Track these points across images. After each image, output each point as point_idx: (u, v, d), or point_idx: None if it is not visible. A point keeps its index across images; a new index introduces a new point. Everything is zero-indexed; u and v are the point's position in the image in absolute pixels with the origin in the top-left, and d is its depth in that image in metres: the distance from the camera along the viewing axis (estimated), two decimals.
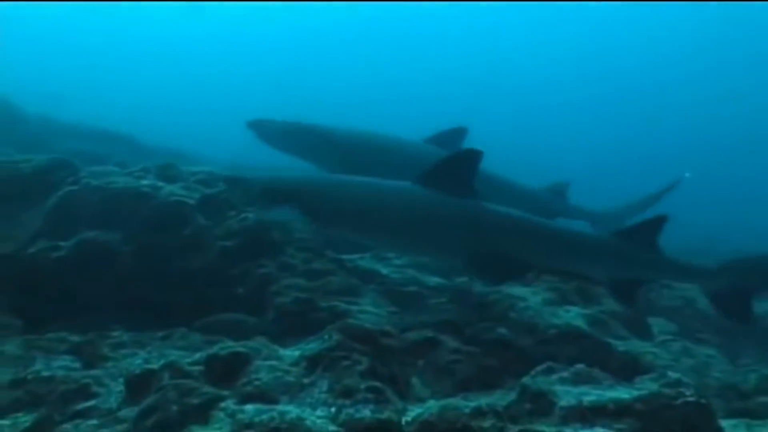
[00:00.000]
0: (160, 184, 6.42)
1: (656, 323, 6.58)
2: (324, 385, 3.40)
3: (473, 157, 4.98)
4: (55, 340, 4.79)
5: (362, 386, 3.32)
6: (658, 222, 5.43)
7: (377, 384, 3.33)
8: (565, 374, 3.49)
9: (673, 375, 3.28)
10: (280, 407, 3.21)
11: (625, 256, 5.36)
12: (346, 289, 6.30)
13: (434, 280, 7.68)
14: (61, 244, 5.96)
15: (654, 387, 3.21)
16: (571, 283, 7.01)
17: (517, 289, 6.59)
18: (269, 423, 3.04)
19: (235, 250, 6.23)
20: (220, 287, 6.06)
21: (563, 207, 8.45)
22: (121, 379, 3.94)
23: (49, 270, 5.86)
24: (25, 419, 3.79)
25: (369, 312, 5.96)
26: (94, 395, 3.81)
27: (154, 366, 3.74)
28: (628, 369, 4.56)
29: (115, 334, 5.18)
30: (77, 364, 4.43)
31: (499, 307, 6.30)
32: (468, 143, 7.57)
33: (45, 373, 4.10)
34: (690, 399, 3.00)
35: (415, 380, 3.98)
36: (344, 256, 7.55)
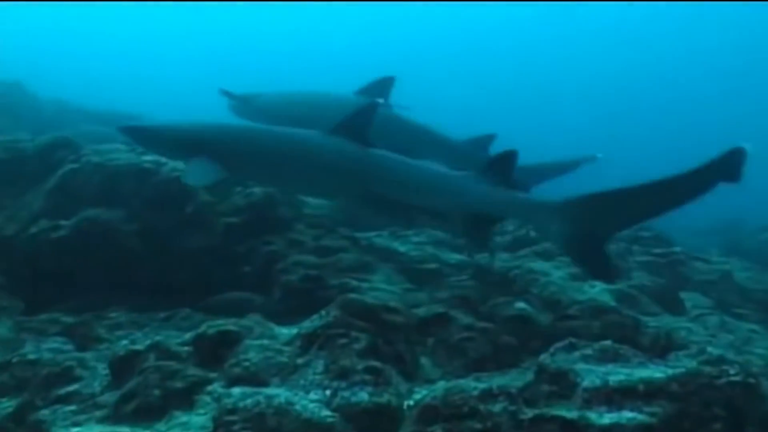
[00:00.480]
0: (163, 160, 6.10)
1: (690, 298, 6.08)
2: (319, 365, 3.04)
3: (371, 108, 5.44)
4: (47, 322, 4.52)
5: (360, 367, 2.95)
6: (509, 158, 5.36)
7: (376, 364, 2.95)
8: (588, 351, 3.07)
9: (714, 351, 2.84)
10: (267, 390, 2.85)
11: (482, 193, 5.29)
12: (358, 266, 5.93)
13: (455, 257, 7.26)
14: (62, 223, 5.69)
15: (692, 364, 2.78)
16: None
17: (539, 264, 6.16)
18: (254, 408, 2.69)
19: (240, 227, 5.90)
20: (226, 265, 5.73)
21: (485, 159, 8.25)
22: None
23: (50, 250, 5.59)
24: (8, 404, 3.51)
25: (381, 289, 5.57)
26: (77, 379, 3.51)
27: (140, 347, 3.43)
28: (660, 346, 4.12)
29: (113, 315, 4.89)
30: (69, 346, 4.14)
31: (519, 282, 5.89)
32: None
33: (31, 356, 3.81)
34: (735, 378, 2.55)
35: (424, 360, 3.60)
36: (359, 234, 7.19)
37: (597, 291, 5.82)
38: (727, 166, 4.28)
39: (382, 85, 7.94)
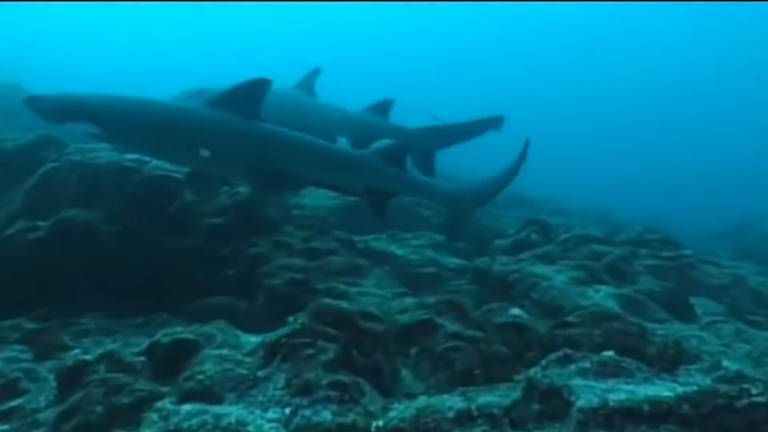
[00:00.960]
0: (146, 158, 5.74)
1: (701, 303, 5.63)
2: (280, 379, 2.64)
3: (261, 85, 5.33)
4: (9, 329, 4.15)
5: (324, 382, 2.54)
6: (404, 147, 6.29)
7: (343, 379, 2.55)
8: (586, 364, 2.65)
9: (730, 365, 2.41)
10: (218, 409, 2.46)
11: (379, 170, 5.86)
12: (349, 269, 5.54)
13: (454, 261, 6.85)
14: (40, 224, 5.34)
15: (705, 382, 2.35)
16: (602, 260, 6.13)
17: (540, 268, 5.73)
18: (199, 429, 2.30)
19: (225, 228, 5.52)
20: (209, 268, 5.35)
21: (384, 126, 8.34)
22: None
23: (27, 252, 5.24)
24: None
25: (372, 294, 5.19)
26: (23, 392, 3.14)
27: (90, 357, 3.04)
28: (668, 357, 3.69)
29: (84, 320, 4.53)
30: (27, 355, 3.78)
31: (519, 287, 5.47)
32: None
33: None
34: (759, 399, 2.12)
35: (405, 372, 3.19)
36: (357, 237, 6.80)
37: (602, 296, 5.39)
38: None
39: (312, 77, 8.21)
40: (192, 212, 5.51)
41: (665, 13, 44.39)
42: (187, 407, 2.53)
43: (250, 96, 5.34)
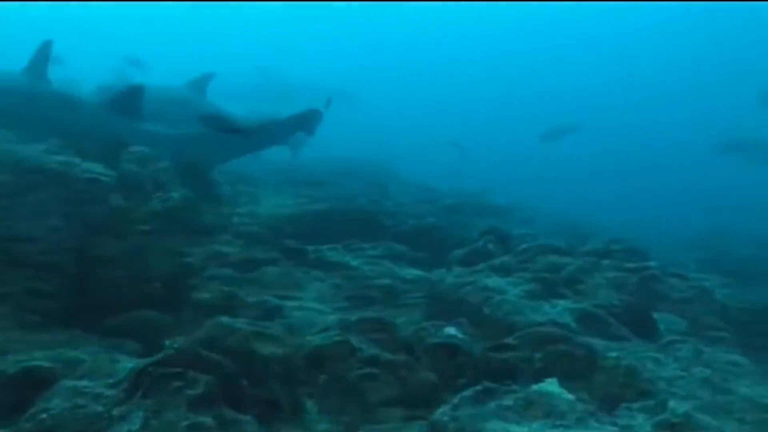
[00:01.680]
0: (76, 160, 5.20)
1: (664, 319, 5.15)
2: (137, 419, 2.11)
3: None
4: None
5: (184, 424, 2.01)
6: (137, 92, 6.48)
7: (205, 420, 2.02)
8: (508, 401, 2.15)
9: (678, 407, 1.91)
10: None
11: (111, 122, 6.25)
12: (287, 281, 5.02)
13: (412, 272, 6.34)
14: None
15: (645, 429, 1.85)
16: (561, 272, 5.65)
17: (494, 280, 5.23)
18: None
19: (155, 236, 4.98)
20: (136, 279, 4.81)
21: (203, 102, 8.51)
22: None
23: None
24: None
25: (308, 309, 4.65)
26: None
27: None
28: (617, 384, 3.20)
29: None
30: None
31: (471, 301, 4.97)
32: None
33: None
34: None
35: (310, 404, 2.66)
36: (310, 246, 6.28)
37: (558, 311, 4.90)
38: (306, 122, 6.29)
39: (203, 80, 8.63)
40: (121, 219, 4.96)
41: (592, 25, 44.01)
42: None
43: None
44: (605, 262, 6.22)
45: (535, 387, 2.82)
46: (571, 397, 2.31)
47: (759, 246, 11.64)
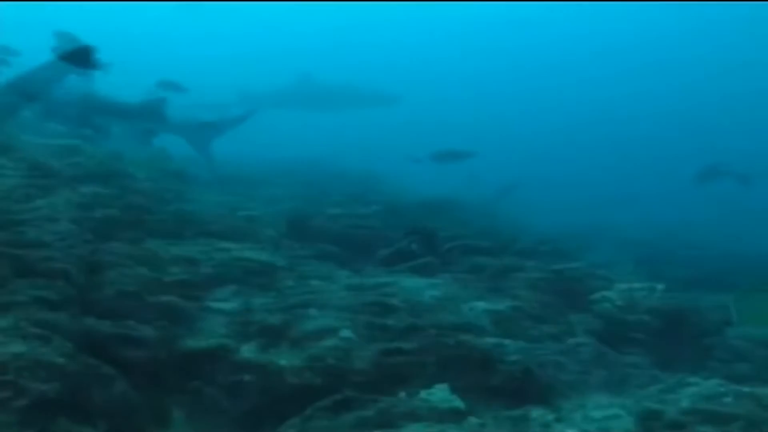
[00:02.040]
0: None
1: (580, 320, 5.13)
2: None
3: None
4: None
5: None
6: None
7: None
8: (369, 412, 2.03)
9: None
10: None
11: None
12: (202, 280, 4.79)
13: (340, 273, 6.19)
14: None
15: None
16: (483, 273, 5.59)
17: (413, 281, 5.12)
18: None
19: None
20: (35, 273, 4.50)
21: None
22: None
23: None
24: None
25: (218, 310, 4.44)
26: None
27: None
28: (512, 389, 3.12)
29: None
30: None
31: (383, 303, 4.82)
32: None
33: None
34: None
35: (177, 413, 2.48)
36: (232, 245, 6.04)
37: (476, 313, 4.81)
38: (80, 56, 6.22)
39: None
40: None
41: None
42: None
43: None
44: (530, 263, 6.21)
45: (423, 393, 2.71)
46: (460, 404, 2.20)
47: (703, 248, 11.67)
